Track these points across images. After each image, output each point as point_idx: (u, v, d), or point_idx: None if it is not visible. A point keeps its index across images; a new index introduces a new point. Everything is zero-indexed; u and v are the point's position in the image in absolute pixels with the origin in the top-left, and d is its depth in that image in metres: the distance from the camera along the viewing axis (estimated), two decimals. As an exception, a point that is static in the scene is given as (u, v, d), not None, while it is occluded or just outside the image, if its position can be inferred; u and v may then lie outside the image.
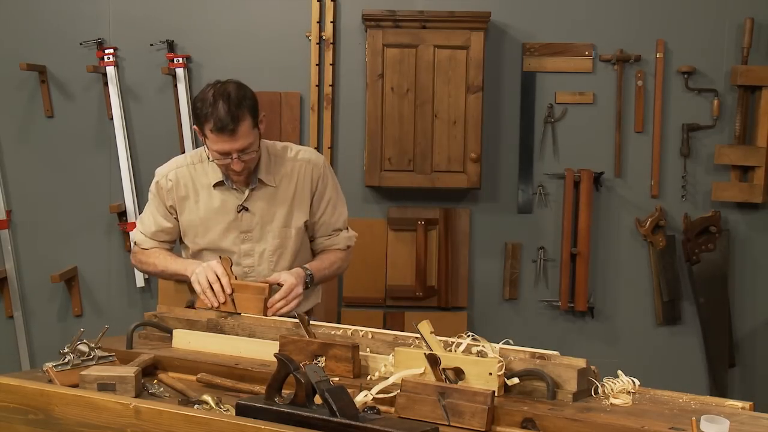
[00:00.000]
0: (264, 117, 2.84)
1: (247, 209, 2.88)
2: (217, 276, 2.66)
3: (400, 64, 3.90)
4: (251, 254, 2.90)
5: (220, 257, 2.74)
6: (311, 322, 2.34)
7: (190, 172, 2.92)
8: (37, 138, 4.17)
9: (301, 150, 2.99)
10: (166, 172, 2.96)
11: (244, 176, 2.83)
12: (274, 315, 2.63)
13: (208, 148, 2.81)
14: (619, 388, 2.00)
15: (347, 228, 3.05)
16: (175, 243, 3.03)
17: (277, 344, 2.24)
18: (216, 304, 2.65)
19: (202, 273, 2.69)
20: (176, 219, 2.95)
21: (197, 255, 2.93)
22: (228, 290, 2.65)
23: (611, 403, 1.94)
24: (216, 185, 2.88)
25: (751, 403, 1.97)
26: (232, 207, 2.88)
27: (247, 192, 2.87)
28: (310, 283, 2.85)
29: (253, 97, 2.79)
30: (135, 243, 3.03)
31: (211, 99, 2.71)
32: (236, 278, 2.71)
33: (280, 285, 2.72)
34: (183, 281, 2.92)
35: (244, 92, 2.76)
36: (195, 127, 2.80)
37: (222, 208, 2.88)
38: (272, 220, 2.89)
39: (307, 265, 2.89)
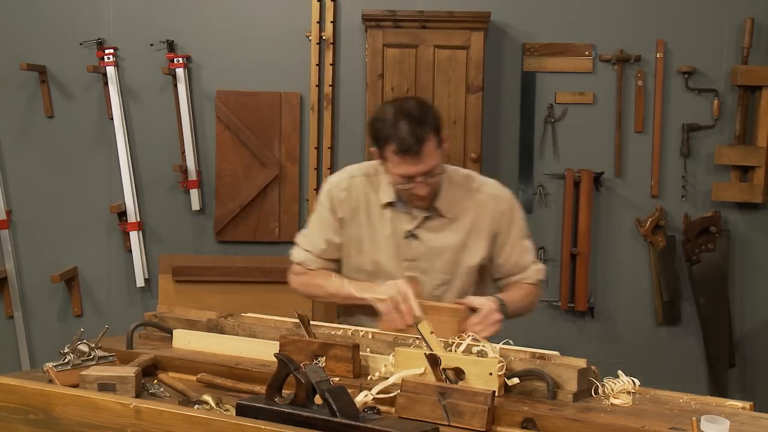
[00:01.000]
0: (448, 135, 2.61)
1: (415, 237, 2.59)
2: (403, 296, 2.41)
3: (400, 64, 3.90)
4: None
5: (407, 276, 2.52)
6: (311, 322, 2.33)
7: (363, 184, 2.64)
8: (37, 138, 4.17)
9: (487, 183, 2.67)
10: (338, 181, 2.68)
11: (427, 201, 2.56)
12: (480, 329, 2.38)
13: (388, 172, 2.53)
14: (619, 388, 2.00)
15: (534, 261, 2.72)
16: (338, 264, 2.72)
17: (277, 344, 2.24)
18: (402, 327, 2.40)
19: (386, 292, 2.45)
20: (343, 235, 2.67)
21: (353, 275, 2.67)
22: (417, 312, 2.39)
23: (611, 403, 1.94)
24: (386, 205, 2.61)
25: (751, 403, 1.97)
26: (401, 232, 2.59)
27: (419, 218, 2.59)
28: (504, 313, 2.52)
29: (435, 114, 2.52)
30: (298, 263, 2.71)
31: (392, 119, 2.45)
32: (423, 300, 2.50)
33: (472, 309, 2.47)
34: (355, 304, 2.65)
35: (426, 110, 2.50)
36: (373, 149, 2.54)
37: (390, 231, 2.60)
38: (441, 253, 2.59)
39: (498, 295, 2.58)
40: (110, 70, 4.06)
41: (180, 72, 4.07)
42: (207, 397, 1.99)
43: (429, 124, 2.46)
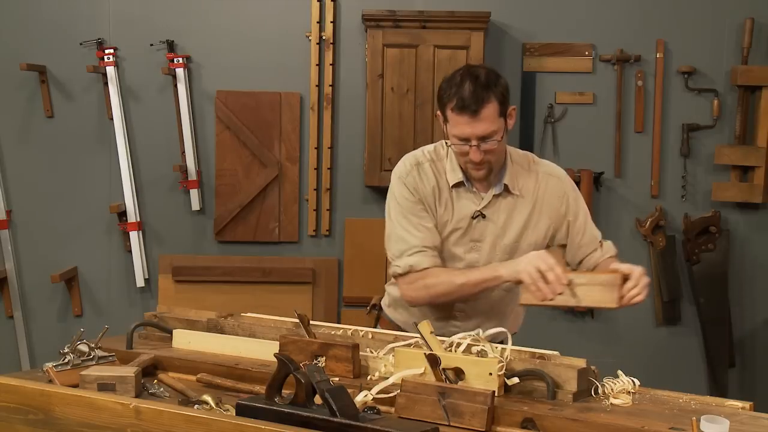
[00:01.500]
0: (514, 111, 2.54)
1: (484, 216, 2.54)
2: (548, 265, 2.32)
3: (400, 64, 3.90)
4: (476, 265, 2.54)
5: (548, 246, 2.50)
6: (311, 322, 2.33)
7: (432, 169, 2.58)
8: (37, 138, 4.17)
9: (544, 163, 2.65)
10: (407, 171, 2.59)
11: (483, 172, 2.50)
12: (628, 304, 2.35)
13: (447, 136, 2.51)
14: (619, 388, 2.01)
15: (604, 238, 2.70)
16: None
17: (277, 344, 2.24)
18: (551, 296, 2.31)
19: (531, 263, 2.34)
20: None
21: None
22: (564, 280, 2.30)
23: (611, 403, 1.94)
24: (455, 186, 2.56)
25: (751, 403, 1.97)
26: (468, 212, 2.55)
27: (487, 198, 2.55)
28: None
29: (504, 85, 2.49)
30: (406, 272, 2.53)
31: (458, 79, 2.44)
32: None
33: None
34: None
35: (495, 78, 2.47)
36: (438, 112, 2.52)
37: (458, 212, 2.55)
38: (506, 233, 2.55)
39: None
40: (110, 70, 4.06)
41: (180, 72, 4.07)
42: (207, 397, 1.99)
43: (493, 90, 2.43)
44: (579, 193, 2.66)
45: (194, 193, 4.13)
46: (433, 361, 1.95)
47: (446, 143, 2.57)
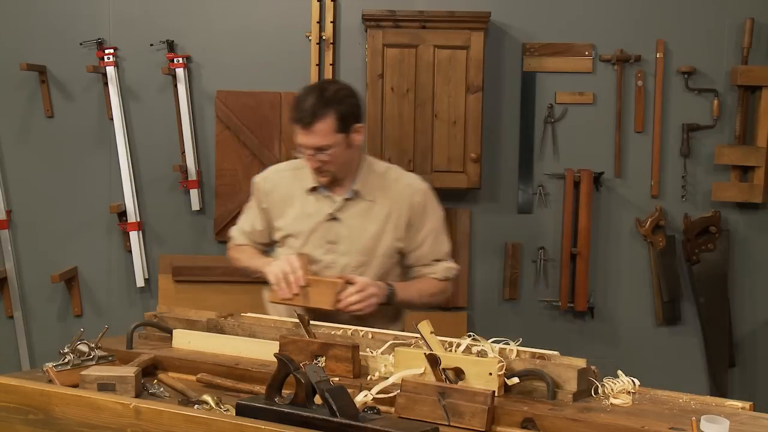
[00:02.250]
0: (361, 128, 2.76)
1: (336, 219, 2.79)
2: (292, 268, 2.64)
3: (400, 64, 3.90)
4: (333, 266, 2.77)
5: (298, 253, 2.73)
6: (311, 322, 2.33)
7: (289, 177, 2.87)
8: (37, 138, 4.17)
9: (405, 174, 2.90)
10: (265, 176, 2.94)
11: (326, 179, 2.75)
12: (345, 310, 2.60)
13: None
14: (619, 388, 2.01)
15: (449, 259, 2.90)
16: (267, 247, 2.98)
17: (277, 344, 2.24)
18: (288, 296, 2.63)
19: (278, 265, 2.68)
20: (268, 223, 2.91)
21: None
22: (301, 283, 2.62)
23: (611, 403, 1.94)
24: (311, 190, 2.81)
25: (751, 403, 1.97)
26: (323, 215, 2.79)
27: (339, 201, 2.79)
28: (390, 297, 2.72)
29: (353, 104, 2.72)
30: (230, 237, 3.05)
31: (307, 91, 2.71)
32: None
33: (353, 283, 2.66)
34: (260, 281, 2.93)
35: (344, 96, 2.70)
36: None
37: (314, 215, 2.80)
38: (360, 235, 2.78)
39: (390, 281, 2.77)
40: (110, 70, 4.06)
41: (180, 72, 4.07)
42: (207, 397, 1.99)
43: (334, 106, 2.65)
44: (437, 209, 2.87)
45: (194, 193, 4.13)
46: (433, 361, 1.95)
47: None
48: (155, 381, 2.19)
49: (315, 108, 2.64)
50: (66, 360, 2.15)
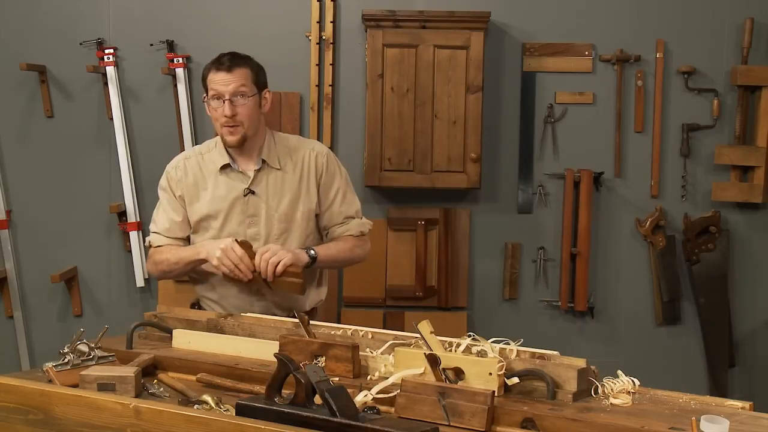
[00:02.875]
0: (270, 97, 3.00)
1: (253, 192, 2.92)
2: (238, 257, 2.76)
3: (400, 64, 3.90)
4: (257, 238, 2.91)
5: (236, 240, 2.80)
6: (311, 322, 2.34)
7: (198, 161, 2.98)
8: (37, 138, 4.17)
9: (306, 141, 3.11)
10: (175, 164, 3.02)
11: (237, 137, 2.87)
12: (267, 272, 2.75)
13: (207, 106, 2.92)
14: (619, 388, 2.01)
15: (361, 216, 3.09)
16: (186, 243, 3.01)
17: (277, 344, 2.24)
18: (246, 279, 2.79)
19: (224, 257, 2.76)
20: (185, 211, 2.97)
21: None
22: (252, 268, 2.76)
23: (611, 403, 1.94)
24: (222, 169, 2.93)
25: (751, 403, 1.97)
26: (239, 191, 2.92)
27: (252, 174, 2.92)
28: (314, 259, 2.88)
29: (260, 67, 2.96)
30: (149, 245, 3.02)
31: (220, 53, 2.93)
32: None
33: None
34: (191, 278, 3.01)
35: (254, 61, 2.95)
36: (203, 96, 2.95)
37: (229, 193, 2.92)
38: (278, 204, 2.93)
39: (311, 246, 2.93)
40: (110, 70, 4.06)
41: (180, 72, 4.07)
42: (207, 397, 1.99)
43: (249, 63, 2.91)
44: (341, 169, 3.06)
45: (194, 193, 4.12)
46: (433, 361, 1.95)
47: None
48: (155, 381, 2.19)
49: (234, 58, 2.87)
50: (66, 360, 2.15)
